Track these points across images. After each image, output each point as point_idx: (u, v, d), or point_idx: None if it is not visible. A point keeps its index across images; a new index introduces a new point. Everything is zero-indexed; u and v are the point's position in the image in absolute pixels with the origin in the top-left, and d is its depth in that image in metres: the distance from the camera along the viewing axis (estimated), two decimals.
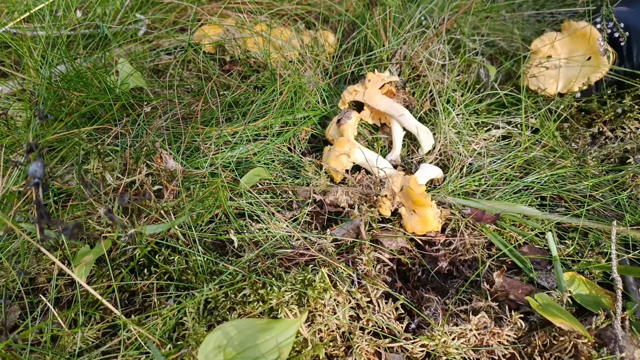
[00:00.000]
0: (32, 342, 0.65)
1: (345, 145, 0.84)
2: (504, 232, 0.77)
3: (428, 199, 0.74)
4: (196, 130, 0.89)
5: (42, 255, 0.74)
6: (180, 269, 0.70)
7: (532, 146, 0.91)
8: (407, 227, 0.76)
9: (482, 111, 0.99)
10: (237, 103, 0.97)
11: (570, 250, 0.74)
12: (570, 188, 0.84)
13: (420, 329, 0.66)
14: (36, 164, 0.51)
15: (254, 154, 0.87)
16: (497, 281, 0.69)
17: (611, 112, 0.93)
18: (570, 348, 0.59)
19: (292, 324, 0.55)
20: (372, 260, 0.72)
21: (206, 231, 0.76)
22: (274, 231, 0.75)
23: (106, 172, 0.80)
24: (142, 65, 1.08)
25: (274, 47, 1.04)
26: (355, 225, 0.76)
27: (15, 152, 0.84)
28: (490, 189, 0.84)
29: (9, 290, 0.72)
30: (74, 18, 1.13)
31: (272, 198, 0.82)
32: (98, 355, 0.63)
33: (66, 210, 0.78)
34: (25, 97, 0.89)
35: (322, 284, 0.65)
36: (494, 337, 0.63)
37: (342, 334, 0.63)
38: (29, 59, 0.89)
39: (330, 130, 0.91)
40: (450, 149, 0.90)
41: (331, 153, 0.85)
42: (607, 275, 0.72)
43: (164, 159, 0.80)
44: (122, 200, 0.59)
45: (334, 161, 0.84)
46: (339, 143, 0.85)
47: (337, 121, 0.88)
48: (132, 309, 0.70)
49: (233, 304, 0.65)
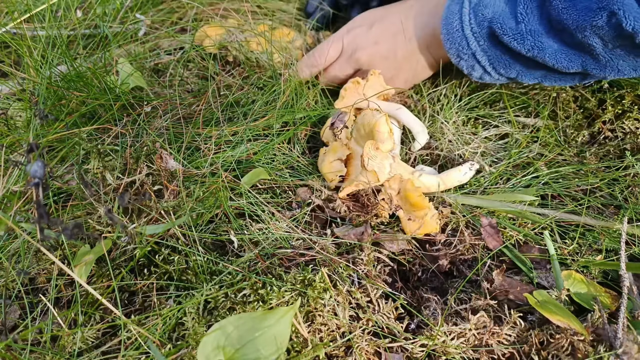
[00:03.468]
0: (32, 342, 0.65)
1: (339, 150, 0.83)
2: (503, 232, 0.77)
3: (426, 201, 0.74)
4: (197, 130, 0.89)
5: (42, 255, 0.74)
6: (180, 269, 0.70)
7: (531, 145, 0.91)
8: (406, 229, 0.76)
9: (481, 108, 0.99)
10: (238, 103, 0.97)
11: (570, 249, 0.75)
12: (570, 184, 0.84)
13: (420, 329, 0.66)
14: (36, 163, 0.51)
15: (254, 154, 0.87)
16: (496, 280, 0.69)
17: (611, 112, 0.93)
18: (567, 346, 0.59)
19: (286, 312, 0.56)
20: (373, 261, 0.72)
21: (206, 231, 0.76)
22: (274, 231, 0.75)
23: (106, 171, 0.80)
24: (143, 65, 1.08)
25: (277, 48, 1.04)
26: (359, 231, 0.76)
27: (15, 151, 0.84)
28: (490, 188, 0.84)
29: (9, 290, 0.72)
30: (74, 18, 1.13)
31: (272, 198, 0.82)
32: (98, 355, 0.63)
33: (66, 210, 0.78)
34: (25, 97, 0.89)
35: (322, 284, 0.65)
36: (493, 337, 0.63)
37: (342, 334, 0.63)
38: (29, 58, 0.90)
39: (326, 132, 0.90)
40: (448, 148, 0.90)
41: (325, 157, 0.84)
42: (606, 274, 0.72)
43: (164, 159, 0.80)
44: (123, 200, 0.59)
45: (327, 167, 0.82)
46: (333, 148, 0.83)
47: (331, 124, 0.87)
48: (132, 309, 0.70)
49: (233, 304, 0.65)
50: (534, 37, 0.78)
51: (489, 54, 0.84)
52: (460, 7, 0.85)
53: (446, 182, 0.82)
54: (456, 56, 0.88)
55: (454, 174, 0.82)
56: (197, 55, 1.09)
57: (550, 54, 0.78)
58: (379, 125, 0.77)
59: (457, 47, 0.86)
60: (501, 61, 0.85)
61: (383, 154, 0.77)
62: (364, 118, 0.81)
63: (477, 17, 0.82)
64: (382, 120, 0.77)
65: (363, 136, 0.82)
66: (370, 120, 0.79)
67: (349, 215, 0.78)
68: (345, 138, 0.85)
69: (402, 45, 0.96)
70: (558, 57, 0.78)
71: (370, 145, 0.76)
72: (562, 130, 0.95)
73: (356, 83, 0.92)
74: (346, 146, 0.83)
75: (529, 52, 0.79)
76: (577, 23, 0.72)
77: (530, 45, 0.78)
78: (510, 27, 0.79)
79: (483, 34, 0.83)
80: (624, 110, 0.93)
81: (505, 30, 0.79)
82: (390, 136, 0.78)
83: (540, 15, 0.77)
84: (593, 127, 0.94)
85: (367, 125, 0.79)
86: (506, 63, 0.85)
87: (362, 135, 0.82)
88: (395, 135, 0.90)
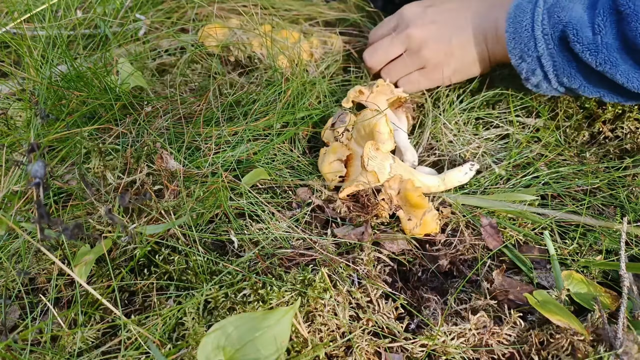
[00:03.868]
0: (32, 342, 0.65)
1: (338, 150, 0.82)
2: (504, 232, 0.77)
3: (426, 201, 0.74)
4: (197, 129, 0.89)
5: (42, 255, 0.74)
6: (180, 269, 0.71)
7: (532, 145, 0.91)
8: (406, 230, 0.76)
9: (482, 109, 0.99)
10: (239, 103, 0.97)
11: (570, 249, 0.75)
12: (570, 184, 0.84)
13: (420, 329, 0.66)
14: (37, 163, 0.51)
15: (254, 154, 0.87)
16: (496, 280, 0.69)
17: (611, 112, 0.93)
18: (567, 346, 0.59)
19: (286, 312, 0.56)
20: (373, 261, 0.72)
21: (206, 231, 0.76)
22: (274, 231, 0.75)
23: (107, 171, 0.80)
24: (143, 65, 1.08)
25: (281, 49, 1.04)
26: (359, 232, 0.76)
27: (15, 151, 0.84)
28: (490, 188, 0.84)
29: (9, 290, 0.72)
30: (74, 18, 1.13)
31: (272, 198, 0.82)
32: (98, 355, 0.63)
33: (66, 210, 0.78)
34: (25, 97, 0.89)
35: (322, 284, 0.65)
36: (493, 337, 0.63)
37: (342, 334, 0.63)
38: (29, 58, 0.90)
39: (326, 132, 0.90)
40: (448, 149, 0.90)
41: (325, 158, 0.83)
42: (606, 275, 0.72)
43: (165, 158, 0.80)
44: (123, 200, 0.60)
45: (327, 167, 0.82)
46: (333, 149, 0.83)
47: (331, 125, 0.87)
48: (132, 309, 0.70)
49: (233, 304, 0.65)
50: (609, 52, 0.75)
51: (555, 60, 0.81)
52: (533, 6, 0.81)
53: (447, 183, 0.82)
54: (519, 57, 0.84)
55: (454, 174, 0.82)
56: (199, 55, 1.09)
57: (622, 72, 0.75)
58: (379, 125, 0.77)
59: (523, 47, 0.82)
60: (566, 70, 0.81)
61: (383, 155, 0.77)
62: (364, 118, 0.81)
63: (552, 18, 0.79)
64: (383, 121, 0.77)
65: (363, 137, 0.82)
66: (371, 120, 0.78)
67: (349, 216, 0.78)
68: (345, 138, 0.85)
69: (458, 31, 0.91)
70: (630, 76, 0.75)
71: (370, 145, 0.76)
72: (562, 130, 0.95)
73: (359, 93, 0.91)
74: (346, 146, 0.83)
75: (600, 67, 0.76)
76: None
77: (602, 59, 0.75)
78: (586, 36, 0.76)
79: (555, 37, 0.79)
80: (624, 110, 0.93)
81: (580, 39, 0.76)
82: (390, 137, 0.77)
83: (617, 31, 0.74)
84: (593, 127, 0.94)
85: (367, 125, 0.79)
86: (571, 73, 0.81)
87: (363, 135, 0.82)
88: (403, 139, 0.90)
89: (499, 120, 0.97)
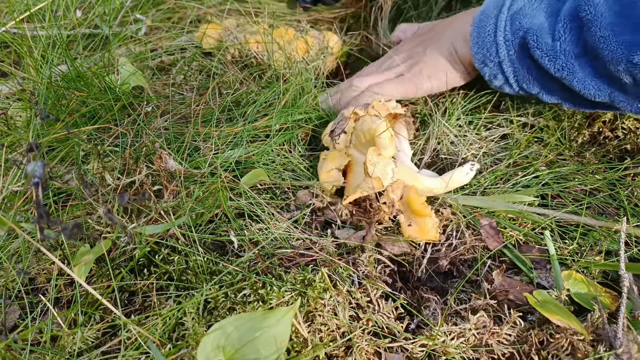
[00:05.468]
0: (32, 342, 0.65)
1: (337, 159, 0.81)
2: (503, 232, 0.77)
3: (428, 209, 0.73)
4: (196, 130, 0.89)
5: (42, 255, 0.74)
6: (180, 269, 0.70)
7: (532, 145, 0.91)
8: (406, 235, 0.76)
9: (482, 110, 0.99)
10: (238, 103, 0.97)
11: (570, 249, 0.75)
12: (570, 184, 0.84)
13: (420, 329, 0.66)
14: (36, 163, 0.51)
15: (254, 154, 0.87)
16: (496, 280, 0.69)
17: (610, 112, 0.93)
18: (567, 345, 0.59)
19: (286, 312, 0.56)
20: (373, 262, 0.72)
21: (206, 231, 0.76)
22: (274, 231, 0.75)
23: (106, 172, 0.80)
24: (143, 65, 1.08)
25: (278, 47, 1.04)
26: (359, 235, 0.76)
27: (15, 151, 0.84)
28: (490, 188, 0.84)
29: (9, 290, 0.72)
30: (74, 18, 1.13)
31: (271, 199, 0.82)
32: (98, 355, 0.63)
33: (66, 210, 0.78)
34: (25, 97, 0.89)
35: (322, 284, 0.65)
36: (493, 337, 0.63)
37: (342, 334, 0.63)
38: (29, 58, 0.90)
39: (326, 137, 0.89)
40: (449, 150, 0.90)
41: (324, 165, 0.82)
42: (606, 275, 0.72)
43: (164, 159, 0.80)
44: (122, 200, 0.59)
45: (325, 175, 0.81)
46: (331, 157, 0.82)
47: (330, 132, 0.86)
48: (132, 309, 0.70)
49: (233, 304, 0.65)
50: (567, 58, 0.75)
51: (515, 67, 0.82)
52: (498, 12, 0.82)
53: (449, 184, 0.82)
54: (481, 62, 0.86)
55: (456, 175, 0.82)
56: (197, 55, 1.09)
57: (579, 79, 0.76)
58: (380, 131, 0.77)
59: (485, 52, 0.84)
60: (526, 77, 0.82)
61: (385, 160, 0.77)
62: (363, 125, 0.80)
63: (514, 25, 0.80)
64: (383, 126, 0.77)
65: (364, 143, 0.81)
66: (371, 126, 0.78)
67: (350, 220, 0.78)
68: (344, 145, 0.84)
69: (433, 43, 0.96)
70: (586, 84, 0.76)
71: (372, 151, 0.75)
72: (562, 130, 0.94)
73: (355, 115, 0.90)
74: (345, 153, 0.82)
75: (558, 73, 0.77)
76: (612, 55, 0.69)
77: (560, 66, 0.76)
78: (545, 43, 0.76)
79: (515, 43, 0.80)
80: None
81: (539, 45, 0.77)
82: (392, 142, 0.77)
83: (578, 38, 0.74)
84: (593, 127, 0.94)
85: (367, 132, 0.79)
86: (530, 79, 0.82)
87: (363, 142, 0.81)
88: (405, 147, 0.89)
89: (499, 119, 0.97)
